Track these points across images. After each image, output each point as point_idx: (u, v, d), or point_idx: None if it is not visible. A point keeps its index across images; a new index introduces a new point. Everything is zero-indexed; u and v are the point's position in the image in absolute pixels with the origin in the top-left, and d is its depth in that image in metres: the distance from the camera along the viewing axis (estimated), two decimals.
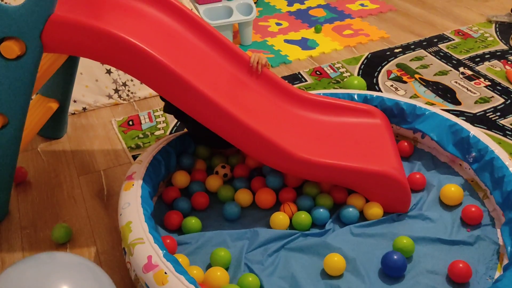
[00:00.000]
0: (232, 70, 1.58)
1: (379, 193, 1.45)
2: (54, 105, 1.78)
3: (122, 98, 2.15)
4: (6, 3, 1.92)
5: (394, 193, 1.44)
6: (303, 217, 1.43)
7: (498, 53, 2.45)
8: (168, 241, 1.32)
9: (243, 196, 1.52)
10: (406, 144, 1.69)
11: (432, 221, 1.44)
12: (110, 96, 2.13)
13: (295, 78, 2.31)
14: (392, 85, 2.22)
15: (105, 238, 1.50)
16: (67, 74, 1.77)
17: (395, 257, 1.26)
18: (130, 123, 2.02)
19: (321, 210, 1.45)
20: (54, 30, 1.24)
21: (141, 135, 1.95)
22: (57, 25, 1.24)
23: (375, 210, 1.44)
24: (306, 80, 2.29)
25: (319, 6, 3.10)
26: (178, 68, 1.30)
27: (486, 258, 1.31)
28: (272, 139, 1.37)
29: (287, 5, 3.12)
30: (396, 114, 1.73)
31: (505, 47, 2.51)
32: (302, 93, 1.65)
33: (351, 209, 1.44)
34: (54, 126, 1.90)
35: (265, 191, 1.52)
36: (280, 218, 1.43)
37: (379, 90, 2.18)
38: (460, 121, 1.62)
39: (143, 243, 1.19)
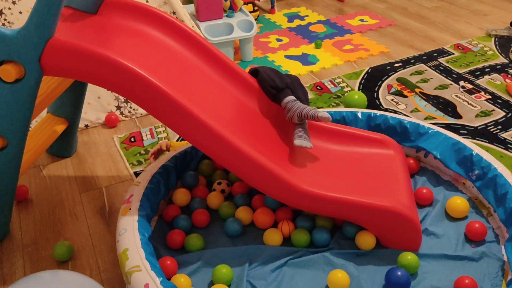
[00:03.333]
0: (238, 95, 1.54)
1: (387, 231, 1.36)
2: (61, 127, 1.77)
3: (124, 115, 2.16)
4: (10, 22, 1.94)
5: (403, 231, 1.35)
6: (302, 236, 1.41)
7: (498, 67, 2.46)
8: (169, 262, 1.31)
9: (244, 214, 1.50)
10: (412, 161, 1.66)
11: (437, 236, 1.42)
12: (112, 113, 2.13)
13: None
14: (392, 99, 2.22)
15: (106, 256, 1.49)
16: (76, 93, 1.78)
17: (399, 273, 1.25)
18: (132, 139, 2.03)
19: (323, 232, 1.42)
20: (53, 54, 1.22)
21: (142, 152, 1.95)
22: (56, 50, 1.22)
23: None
24: None
25: (319, 22, 3.13)
26: (177, 95, 1.25)
27: (491, 275, 1.29)
28: (272, 169, 1.29)
29: (288, 21, 3.15)
30: (399, 133, 1.72)
31: (505, 61, 2.52)
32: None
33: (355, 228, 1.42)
34: (63, 145, 1.90)
35: (263, 211, 1.49)
36: (272, 237, 1.41)
37: (380, 105, 2.18)
38: (463, 140, 1.62)
39: (140, 270, 1.18)
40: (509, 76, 2.37)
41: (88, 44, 1.24)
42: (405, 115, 2.08)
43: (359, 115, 1.78)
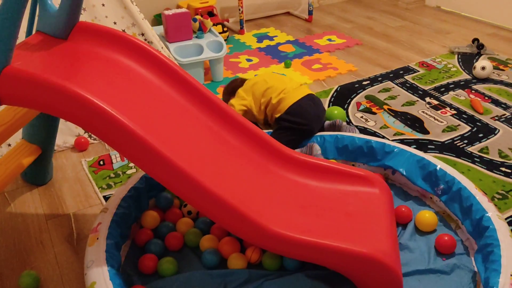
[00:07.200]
0: (211, 124, 1.46)
1: (364, 279, 1.24)
2: (29, 159, 1.69)
3: (92, 138, 2.11)
4: None
5: (382, 281, 1.23)
6: (271, 260, 1.39)
7: (462, 83, 2.54)
8: None
9: (208, 243, 1.46)
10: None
11: (410, 250, 1.44)
12: (81, 136, 2.09)
13: None
14: (362, 117, 2.26)
15: (75, 285, 1.43)
16: (49, 119, 1.72)
17: None
18: (101, 162, 1.98)
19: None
20: (7, 83, 1.17)
21: (112, 175, 1.91)
22: (11, 79, 1.16)
23: None
24: None
25: (288, 42, 3.17)
26: (139, 129, 1.17)
27: (464, 286, 1.31)
28: (239, 208, 1.20)
29: (257, 42, 3.18)
30: (366, 153, 1.75)
31: (468, 77, 2.61)
32: (291, 152, 1.51)
33: None
34: (37, 173, 1.83)
35: (229, 241, 1.45)
36: (236, 262, 1.39)
37: (350, 122, 2.21)
38: (427, 156, 1.65)
39: None
40: (473, 91, 2.45)
41: (47, 73, 1.19)
42: (375, 131, 2.12)
43: (327, 138, 1.81)
